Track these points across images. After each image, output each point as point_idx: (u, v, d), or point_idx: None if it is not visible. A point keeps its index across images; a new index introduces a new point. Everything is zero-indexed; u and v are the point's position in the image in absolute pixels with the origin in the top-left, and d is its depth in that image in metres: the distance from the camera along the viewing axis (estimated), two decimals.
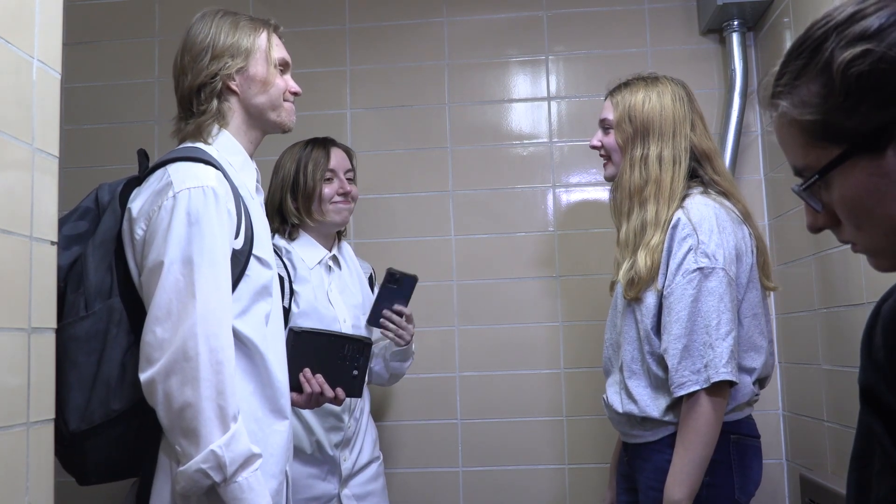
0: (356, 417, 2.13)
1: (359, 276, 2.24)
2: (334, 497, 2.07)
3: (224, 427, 1.31)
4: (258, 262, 1.48)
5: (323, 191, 2.10)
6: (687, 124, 1.81)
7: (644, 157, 1.78)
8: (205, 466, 1.30)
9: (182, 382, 1.30)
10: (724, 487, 1.70)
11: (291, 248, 2.11)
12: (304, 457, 2.03)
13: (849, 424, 1.87)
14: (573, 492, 2.49)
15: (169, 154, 1.49)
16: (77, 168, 2.50)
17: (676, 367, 1.65)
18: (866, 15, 0.76)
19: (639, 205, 1.78)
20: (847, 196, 0.80)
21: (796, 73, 0.81)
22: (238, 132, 1.57)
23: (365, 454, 2.16)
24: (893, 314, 0.73)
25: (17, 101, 1.11)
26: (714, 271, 1.66)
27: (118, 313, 1.38)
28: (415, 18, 2.70)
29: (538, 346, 2.55)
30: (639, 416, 1.74)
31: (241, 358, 1.42)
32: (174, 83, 1.59)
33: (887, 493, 0.73)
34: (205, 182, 1.40)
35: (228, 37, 1.54)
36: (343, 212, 2.14)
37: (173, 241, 1.35)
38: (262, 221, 1.56)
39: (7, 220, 1.08)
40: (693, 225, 1.69)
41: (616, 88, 1.89)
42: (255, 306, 1.47)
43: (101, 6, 2.77)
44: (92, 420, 1.35)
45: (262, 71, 1.57)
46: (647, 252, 1.73)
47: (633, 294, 1.75)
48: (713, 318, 1.64)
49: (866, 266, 0.88)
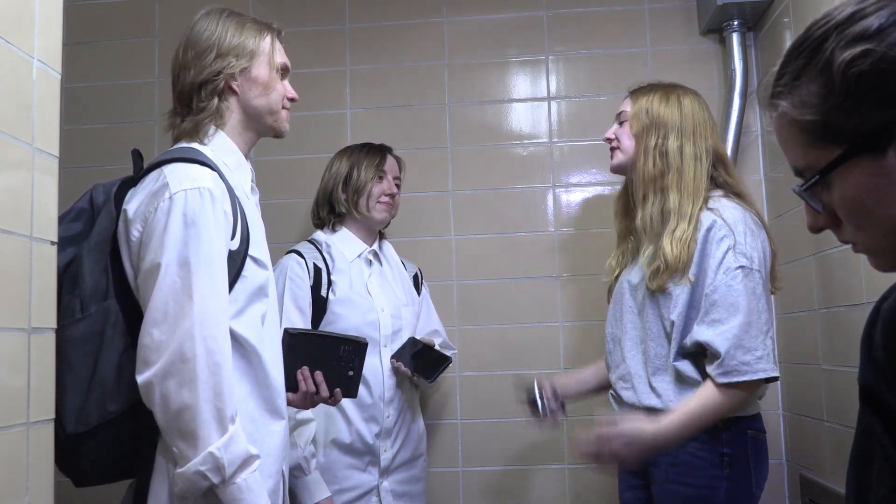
0: (396, 408, 2.15)
1: (400, 275, 2.31)
2: (374, 489, 2.09)
3: (222, 429, 1.31)
4: (254, 263, 1.48)
5: (373, 188, 2.21)
6: (708, 128, 1.86)
7: (660, 147, 1.81)
8: (203, 468, 1.30)
9: (179, 384, 1.30)
10: (742, 481, 1.73)
11: (332, 241, 2.21)
12: (343, 446, 2.07)
13: (849, 424, 1.87)
14: (573, 492, 2.49)
15: (164, 155, 1.48)
16: (77, 168, 2.50)
17: (729, 356, 1.66)
18: (866, 15, 0.76)
19: (657, 192, 1.80)
20: (847, 196, 0.80)
21: (796, 73, 0.81)
22: (234, 133, 1.57)
23: (408, 449, 2.19)
24: (893, 313, 0.73)
25: (17, 101, 1.11)
26: (752, 272, 1.71)
27: (114, 315, 1.38)
28: (415, 18, 2.70)
29: (538, 346, 2.55)
30: (661, 409, 1.75)
31: (238, 358, 1.42)
32: (173, 78, 1.58)
33: (887, 494, 0.73)
34: (201, 183, 1.39)
35: (234, 37, 1.54)
36: (385, 211, 2.24)
37: (170, 242, 1.35)
38: (258, 222, 1.56)
39: (7, 220, 1.08)
40: (729, 226, 1.73)
41: (638, 88, 1.93)
42: (251, 307, 1.46)
43: (101, 6, 2.77)
44: (88, 422, 1.35)
45: (265, 74, 1.57)
46: (673, 241, 1.74)
47: (659, 284, 1.76)
48: (756, 315, 1.69)
49: (866, 266, 0.88)
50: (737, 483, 1.73)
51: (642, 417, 1.71)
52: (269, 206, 1.89)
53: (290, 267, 2.12)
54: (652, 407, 1.77)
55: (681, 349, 1.75)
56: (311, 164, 2.53)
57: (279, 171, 2.59)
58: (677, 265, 1.73)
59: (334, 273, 2.15)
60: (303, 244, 2.23)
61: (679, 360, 1.75)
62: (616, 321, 1.91)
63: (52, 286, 1.20)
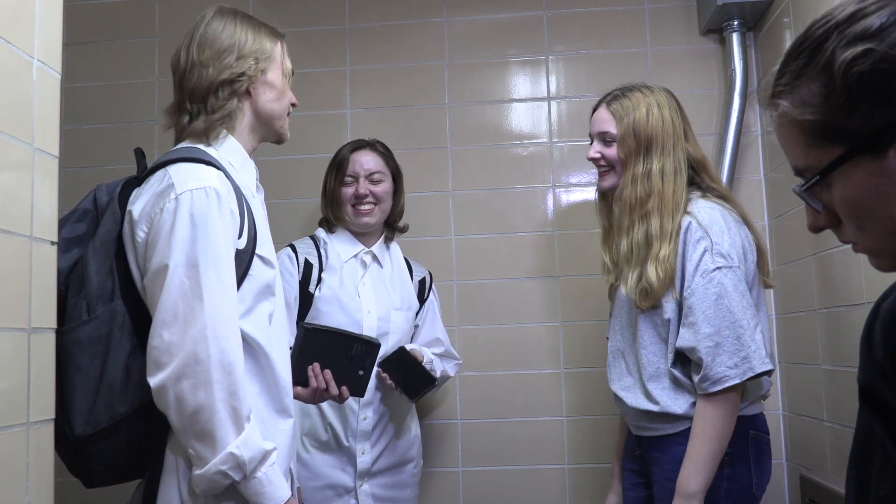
0: (377, 412, 2.12)
1: (401, 279, 2.27)
2: (352, 490, 2.08)
3: (239, 428, 1.33)
4: (261, 262, 1.48)
5: (341, 195, 2.20)
6: (682, 134, 1.84)
7: (647, 173, 1.79)
8: (224, 468, 1.31)
9: (194, 386, 1.30)
10: (742, 481, 1.74)
11: (330, 240, 2.21)
12: (320, 444, 2.07)
13: (849, 424, 1.87)
14: (573, 492, 2.49)
15: (168, 154, 1.47)
16: (77, 168, 2.50)
17: (711, 365, 1.67)
18: (867, 14, 0.76)
19: (640, 218, 1.79)
20: (848, 196, 0.80)
21: (797, 73, 0.81)
22: (241, 136, 1.57)
23: (393, 454, 2.15)
24: (893, 312, 0.73)
25: (17, 101, 1.11)
26: (731, 269, 1.70)
27: (121, 316, 1.37)
28: (415, 18, 2.70)
29: (538, 346, 2.55)
30: (660, 412, 1.76)
31: (247, 358, 1.42)
32: (180, 76, 1.54)
33: (887, 494, 0.73)
34: (207, 183, 1.39)
35: (253, 40, 1.54)
36: (364, 214, 2.19)
37: (177, 243, 1.35)
38: (264, 220, 1.57)
39: (7, 220, 1.08)
40: (704, 228, 1.73)
41: (613, 98, 1.88)
42: (259, 306, 1.47)
43: (101, 6, 2.77)
44: (98, 424, 1.35)
45: (278, 79, 1.58)
46: (656, 264, 1.74)
47: (649, 304, 1.76)
48: (739, 313, 1.68)
49: (866, 266, 0.88)
50: (737, 483, 1.73)
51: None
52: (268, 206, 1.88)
53: (280, 261, 2.10)
54: (648, 410, 1.78)
55: (675, 358, 1.75)
56: (311, 164, 2.53)
57: (279, 171, 2.59)
58: (663, 286, 1.74)
59: (326, 270, 2.15)
60: (303, 239, 2.24)
61: (674, 367, 1.75)
62: (617, 335, 1.92)
63: (52, 286, 1.20)
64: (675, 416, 1.75)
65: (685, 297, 1.72)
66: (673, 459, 1.74)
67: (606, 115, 1.87)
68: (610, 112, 1.87)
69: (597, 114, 1.91)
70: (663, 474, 1.77)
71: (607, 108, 1.88)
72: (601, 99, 1.92)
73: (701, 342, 1.68)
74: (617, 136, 1.84)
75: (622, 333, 1.89)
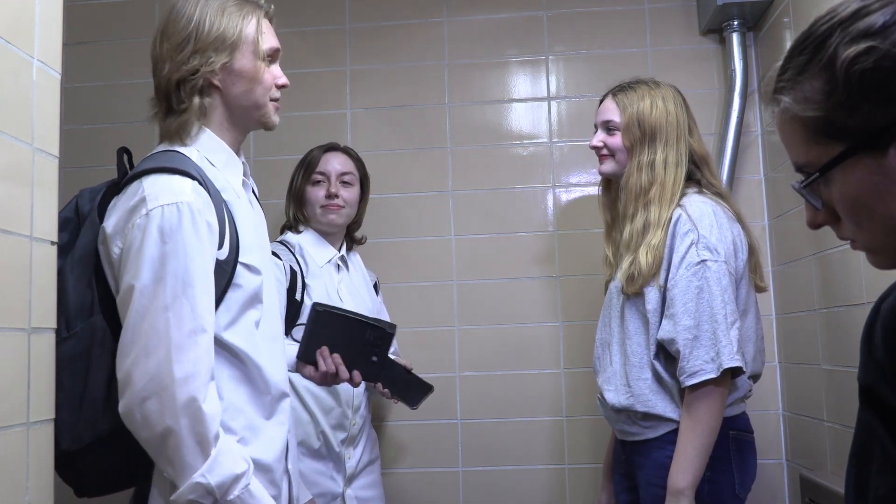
0: (362, 415, 2.14)
1: (365, 282, 2.29)
2: (339, 496, 2.08)
3: (205, 454, 1.27)
4: (246, 270, 1.42)
5: (308, 195, 2.18)
6: (686, 129, 1.87)
7: (651, 162, 1.83)
8: (193, 496, 1.27)
9: (160, 411, 1.26)
10: (724, 482, 1.74)
11: (302, 243, 2.17)
12: (312, 452, 2.06)
13: (849, 424, 1.86)
14: (573, 492, 2.49)
15: (145, 162, 1.41)
16: (77, 168, 2.50)
17: (688, 357, 1.68)
18: (871, 12, 0.76)
19: (643, 207, 1.82)
20: (848, 194, 0.80)
21: (799, 69, 0.81)
22: (220, 129, 1.48)
23: (367, 454, 2.18)
24: (893, 312, 0.73)
25: (17, 101, 1.11)
26: (717, 264, 1.71)
27: (100, 332, 1.33)
28: (415, 18, 2.70)
29: (538, 346, 2.55)
30: (640, 411, 1.76)
31: (233, 367, 1.39)
32: (152, 66, 1.49)
33: (887, 493, 0.73)
34: (180, 198, 1.32)
35: (214, 25, 1.41)
36: (332, 214, 2.17)
37: (145, 263, 1.29)
38: (251, 222, 1.48)
39: (7, 220, 1.08)
40: (693, 221, 1.74)
41: (619, 90, 1.92)
42: (245, 315, 1.41)
43: (101, 6, 2.77)
44: (81, 440, 1.32)
45: (249, 66, 1.45)
46: (648, 249, 1.76)
47: (634, 289, 1.78)
48: (719, 308, 1.69)
49: (866, 266, 0.88)
50: (717, 485, 1.73)
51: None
52: (268, 206, 1.88)
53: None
54: (629, 408, 1.78)
55: (658, 348, 1.76)
56: None
57: (279, 171, 2.58)
58: (651, 272, 1.75)
59: (308, 276, 2.12)
60: (275, 245, 2.14)
61: (657, 359, 1.76)
62: (605, 326, 1.93)
63: (52, 286, 1.20)
64: (655, 418, 1.75)
65: (668, 287, 1.73)
66: (655, 465, 1.75)
67: (612, 104, 1.92)
68: (615, 102, 1.91)
69: (603, 104, 1.96)
70: (646, 479, 1.78)
71: (613, 98, 1.92)
72: (609, 90, 1.96)
73: (680, 334, 1.69)
74: (621, 125, 1.88)
75: (610, 325, 1.90)
